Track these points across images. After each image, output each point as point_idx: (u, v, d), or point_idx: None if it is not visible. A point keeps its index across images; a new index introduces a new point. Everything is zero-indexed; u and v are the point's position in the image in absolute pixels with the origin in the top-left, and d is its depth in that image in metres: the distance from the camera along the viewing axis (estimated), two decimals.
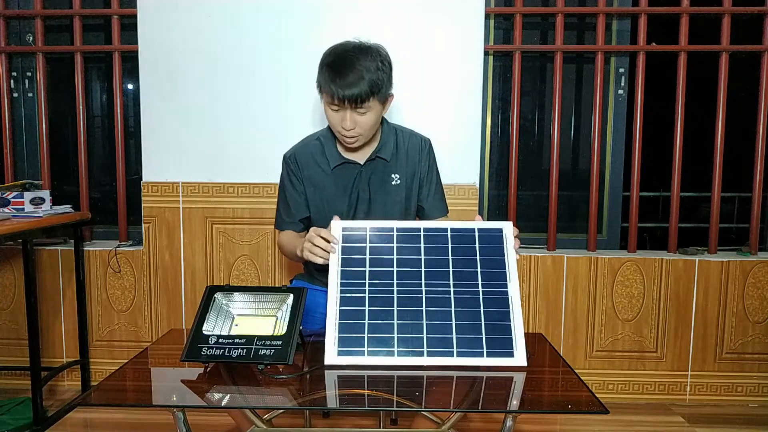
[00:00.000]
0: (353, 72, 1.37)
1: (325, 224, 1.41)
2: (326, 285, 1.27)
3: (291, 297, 1.25)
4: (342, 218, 1.56)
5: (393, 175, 1.59)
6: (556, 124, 2.29)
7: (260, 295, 1.27)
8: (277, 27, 2.19)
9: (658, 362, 2.30)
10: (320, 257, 1.30)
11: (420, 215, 1.68)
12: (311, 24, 2.18)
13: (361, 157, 1.58)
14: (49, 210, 2.15)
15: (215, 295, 1.26)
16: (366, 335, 1.19)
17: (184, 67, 2.22)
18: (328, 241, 1.29)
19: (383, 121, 1.61)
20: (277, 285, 2.28)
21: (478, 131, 2.23)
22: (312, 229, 1.33)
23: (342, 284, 1.26)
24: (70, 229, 2.22)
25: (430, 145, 1.66)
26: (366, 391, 1.08)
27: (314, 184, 1.59)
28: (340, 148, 1.58)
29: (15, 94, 2.46)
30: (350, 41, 1.45)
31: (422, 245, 1.31)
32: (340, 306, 1.23)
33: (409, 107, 2.21)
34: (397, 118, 2.16)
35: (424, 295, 1.24)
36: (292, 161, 1.60)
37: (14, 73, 2.44)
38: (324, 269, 1.31)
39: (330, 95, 1.40)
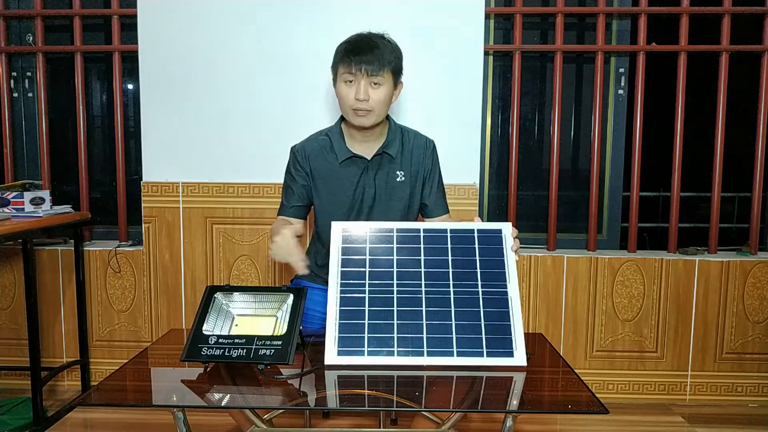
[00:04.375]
0: (371, 45, 1.48)
1: (331, 218, 1.45)
2: (327, 284, 1.27)
3: (291, 297, 1.25)
4: (346, 212, 1.61)
5: (398, 172, 1.62)
6: (556, 124, 2.29)
7: (260, 295, 1.27)
8: (276, 27, 2.19)
9: (658, 362, 2.30)
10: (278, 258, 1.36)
11: (423, 212, 1.71)
12: (311, 24, 2.18)
13: (368, 153, 1.60)
14: (49, 210, 2.15)
15: (215, 295, 1.26)
16: (366, 335, 1.19)
17: (184, 67, 2.22)
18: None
19: (390, 120, 1.63)
20: (277, 285, 2.28)
21: (478, 131, 2.23)
22: (285, 232, 1.35)
23: (342, 284, 1.26)
24: (70, 229, 2.22)
25: (434, 145, 1.70)
26: (366, 391, 1.08)
27: (321, 177, 1.62)
28: (348, 143, 1.61)
29: (15, 94, 2.46)
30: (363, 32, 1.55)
31: (422, 246, 1.31)
32: (340, 306, 1.23)
33: (409, 107, 2.21)
34: (398, 117, 2.16)
35: (423, 296, 1.24)
36: (300, 153, 1.64)
37: (14, 73, 2.44)
38: (325, 266, 1.31)
39: (347, 65, 1.47)
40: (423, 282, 1.26)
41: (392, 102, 1.56)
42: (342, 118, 1.64)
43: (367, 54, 1.46)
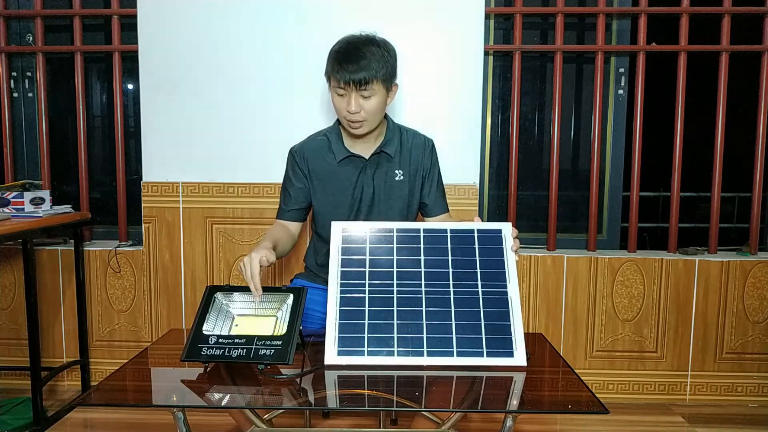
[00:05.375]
0: (359, 56, 1.44)
1: (330, 218, 1.46)
2: (326, 284, 1.27)
3: (291, 297, 1.25)
4: (346, 211, 1.61)
5: (397, 171, 1.62)
6: (556, 124, 2.29)
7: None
8: (277, 27, 2.19)
9: (658, 362, 2.30)
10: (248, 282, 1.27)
11: (422, 211, 1.71)
12: (311, 24, 2.18)
13: (366, 152, 1.61)
14: (49, 210, 2.15)
15: (215, 295, 1.26)
16: (366, 335, 1.19)
17: (184, 67, 2.22)
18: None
19: (388, 119, 1.63)
20: (277, 285, 2.28)
21: (478, 131, 2.23)
22: (254, 255, 1.28)
23: (342, 284, 1.26)
24: (70, 229, 2.22)
25: (433, 144, 1.70)
26: (366, 391, 1.08)
27: (320, 178, 1.62)
28: (346, 143, 1.61)
29: (15, 94, 2.46)
30: (357, 34, 1.53)
31: (422, 246, 1.31)
32: (340, 306, 1.23)
33: (409, 107, 2.21)
34: (398, 117, 2.16)
35: (423, 296, 1.24)
36: (298, 154, 1.64)
37: (14, 73, 2.44)
38: (325, 265, 1.31)
39: (336, 79, 1.46)
40: (423, 282, 1.26)
41: (388, 104, 1.56)
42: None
43: (355, 67, 1.43)
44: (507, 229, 1.32)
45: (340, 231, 1.33)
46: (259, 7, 2.19)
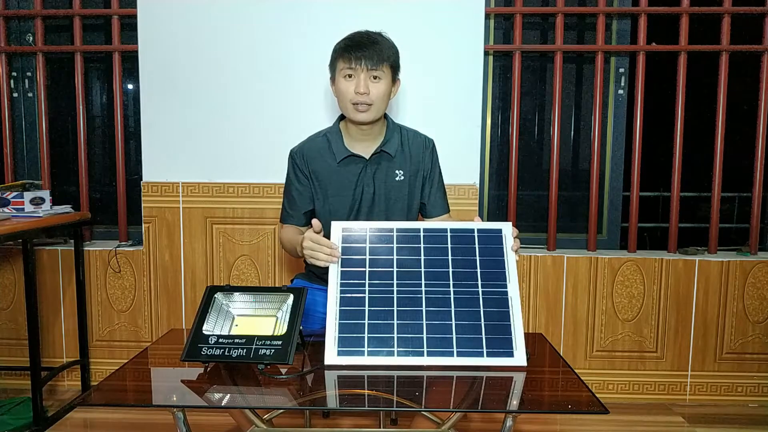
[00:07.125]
0: (370, 40, 1.50)
1: (330, 218, 1.45)
2: (326, 284, 1.27)
3: (291, 297, 1.25)
4: (346, 212, 1.61)
5: (397, 171, 1.62)
6: (556, 124, 2.29)
7: (260, 295, 1.27)
8: (277, 27, 2.19)
9: (658, 362, 2.30)
10: (323, 261, 1.30)
11: (423, 212, 1.71)
12: (311, 24, 2.18)
13: (366, 152, 1.60)
14: (49, 210, 2.15)
15: (215, 295, 1.26)
16: (366, 335, 1.19)
17: (184, 67, 2.22)
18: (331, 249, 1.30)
19: (388, 119, 1.64)
20: (277, 285, 2.28)
21: (478, 131, 2.23)
22: (307, 235, 1.33)
23: (342, 284, 1.26)
24: (70, 229, 2.22)
25: (433, 144, 1.70)
26: (366, 391, 1.08)
27: (320, 178, 1.62)
28: (346, 143, 1.61)
29: (15, 94, 2.46)
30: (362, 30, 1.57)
31: (422, 246, 1.31)
32: (340, 306, 1.23)
33: (409, 107, 2.21)
34: (398, 117, 2.16)
35: (423, 296, 1.24)
36: (298, 156, 1.63)
37: (14, 73, 2.44)
38: (325, 269, 1.31)
39: (347, 59, 1.48)
40: (423, 282, 1.26)
41: (390, 98, 1.56)
42: (340, 118, 1.64)
43: (367, 48, 1.47)
44: (507, 229, 1.32)
45: (340, 231, 1.33)
46: (259, 7, 2.18)
